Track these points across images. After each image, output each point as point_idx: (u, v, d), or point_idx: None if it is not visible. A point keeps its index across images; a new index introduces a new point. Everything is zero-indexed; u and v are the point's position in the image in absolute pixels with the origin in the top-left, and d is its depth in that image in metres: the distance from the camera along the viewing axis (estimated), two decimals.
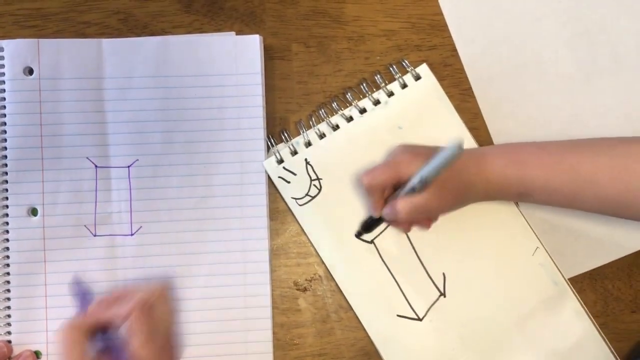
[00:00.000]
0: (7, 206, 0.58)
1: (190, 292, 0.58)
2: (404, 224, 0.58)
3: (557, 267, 0.60)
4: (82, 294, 0.50)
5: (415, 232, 0.60)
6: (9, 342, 0.57)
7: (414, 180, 0.51)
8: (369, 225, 0.58)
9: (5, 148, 0.58)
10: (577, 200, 0.55)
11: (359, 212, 0.60)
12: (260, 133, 0.60)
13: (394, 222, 0.58)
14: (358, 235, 0.60)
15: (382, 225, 0.59)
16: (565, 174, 0.54)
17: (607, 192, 0.53)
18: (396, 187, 0.55)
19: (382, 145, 0.60)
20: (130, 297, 0.48)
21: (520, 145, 0.58)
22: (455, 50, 0.63)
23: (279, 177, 0.60)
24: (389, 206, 0.55)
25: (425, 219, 0.57)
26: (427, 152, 0.53)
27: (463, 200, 0.57)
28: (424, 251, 0.60)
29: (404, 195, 0.53)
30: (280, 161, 0.60)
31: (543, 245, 0.60)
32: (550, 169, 0.54)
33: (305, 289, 0.60)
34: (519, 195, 0.57)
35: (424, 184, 0.51)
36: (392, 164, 0.55)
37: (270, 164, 0.60)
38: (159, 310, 0.48)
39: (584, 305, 0.59)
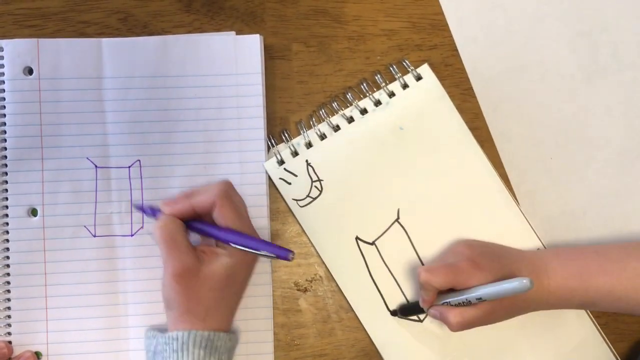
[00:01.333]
0: (7, 206, 0.58)
1: None
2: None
3: None
4: (148, 209, 0.56)
5: (416, 235, 0.60)
6: (9, 342, 0.57)
7: (472, 296, 0.52)
8: (410, 311, 0.58)
9: (5, 148, 0.58)
10: None
11: (360, 213, 0.60)
12: (261, 133, 0.59)
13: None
14: (393, 314, 0.59)
15: (384, 227, 0.59)
16: (630, 281, 0.54)
17: None
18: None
19: (383, 146, 0.60)
20: (204, 190, 0.53)
21: (580, 253, 0.57)
22: (456, 49, 0.63)
23: (280, 178, 0.60)
24: (438, 311, 0.54)
25: None
26: (490, 267, 0.53)
27: (521, 312, 0.56)
28: (425, 252, 0.60)
29: (455, 304, 0.53)
30: (281, 162, 0.60)
31: (544, 246, 0.60)
32: (613, 277, 0.54)
33: (305, 290, 0.60)
34: (581, 304, 0.56)
35: (480, 302, 0.52)
36: (453, 270, 0.53)
37: (271, 165, 0.60)
38: (236, 198, 0.54)
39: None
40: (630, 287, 0.54)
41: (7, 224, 0.58)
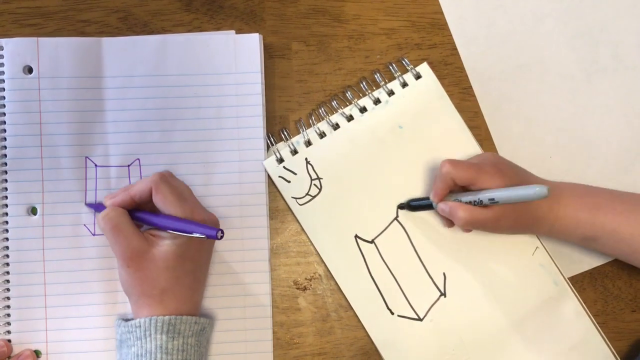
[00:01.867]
0: (6, 205, 0.58)
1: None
2: (449, 222, 0.59)
3: (557, 267, 0.60)
4: (95, 205, 0.57)
5: (416, 233, 0.60)
6: (9, 341, 0.57)
7: (485, 196, 0.53)
8: (419, 205, 0.59)
9: (5, 147, 0.58)
10: None
11: (359, 212, 0.60)
12: (260, 132, 0.59)
13: (443, 216, 0.58)
14: (401, 207, 0.60)
15: (383, 226, 0.59)
16: (637, 224, 0.54)
17: None
18: (464, 188, 0.56)
19: (382, 145, 0.60)
20: (142, 180, 0.55)
21: (596, 190, 0.58)
22: (455, 48, 0.63)
23: (279, 176, 0.60)
24: (448, 205, 0.55)
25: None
26: (512, 175, 0.55)
27: (524, 230, 0.58)
28: (424, 251, 0.60)
29: (466, 202, 0.54)
30: (281, 160, 0.60)
31: (543, 245, 0.60)
32: (622, 217, 0.55)
33: (305, 288, 0.60)
34: (584, 239, 0.57)
35: (492, 204, 0.53)
36: (476, 168, 0.55)
37: (271, 163, 0.60)
38: (175, 183, 0.55)
39: (584, 305, 0.59)
40: (637, 231, 0.54)
41: (7, 222, 0.58)
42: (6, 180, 0.58)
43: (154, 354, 0.50)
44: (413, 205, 0.59)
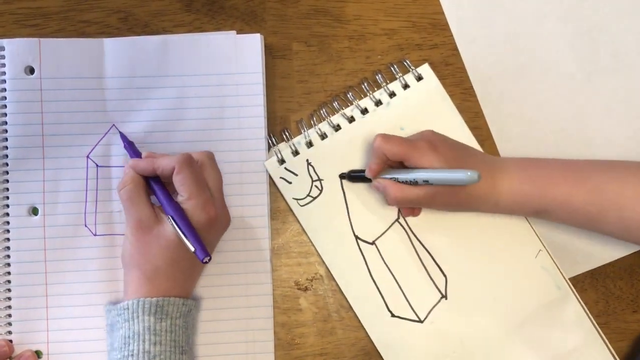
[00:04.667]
0: (7, 205, 0.58)
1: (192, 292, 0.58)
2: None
3: (559, 270, 0.60)
4: (130, 143, 0.57)
5: (417, 235, 0.60)
6: (10, 341, 0.57)
7: (417, 176, 0.53)
8: (356, 177, 0.59)
9: (7, 147, 0.58)
10: (599, 222, 0.54)
11: (360, 213, 0.60)
12: (261, 132, 0.59)
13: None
14: (342, 176, 0.60)
15: (384, 227, 0.59)
16: (590, 193, 0.53)
17: (633, 215, 0.52)
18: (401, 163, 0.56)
19: None
20: (170, 155, 0.54)
21: (541, 161, 0.57)
22: (456, 49, 0.63)
23: (281, 177, 0.60)
24: (381, 183, 0.56)
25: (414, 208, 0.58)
26: (446, 152, 0.54)
27: (464, 208, 0.57)
28: (425, 253, 0.60)
29: (400, 181, 0.54)
30: (282, 161, 0.60)
31: (546, 248, 0.60)
32: (573, 187, 0.53)
33: (306, 289, 0.60)
34: (535, 212, 0.56)
35: (426, 184, 0.52)
36: (409, 144, 0.55)
37: (272, 164, 0.60)
38: (206, 171, 0.54)
39: (586, 310, 0.59)
40: (590, 200, 0.53)
41: (8, 222, 0.58)
42: (7, 181, 0.58)
43: (142, 335, 0.50)
44: (352, 176, 0.59)
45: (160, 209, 0.53)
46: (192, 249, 0.50)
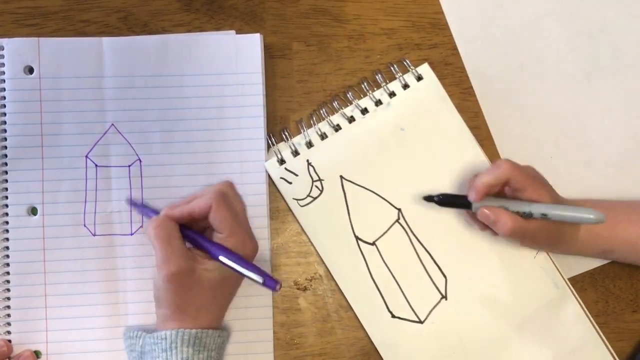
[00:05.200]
0: (6, 205, 0.58)
1: None
2: (484, 226, 0.57)
3: (558, 270, 0.60)
4: (143, 207, 0.57)
5: (417, 236, 0.60)
6: (9, 341, 0.57)
7: (537, 209, 0.52)
8: (451, 202, 0.57)
9: (5, 147, 0.58)
10: None
11: (361, 213, 0.60)
12: (261, 132, 0.59)
13: (478, 222, 0.56)
14: (428, 199, 0.57)
15: (384, 228, 0.59)
16: None
17: None
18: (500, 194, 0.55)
19: (384, 147, 0.60)
20: (202, 192, 0.53)
21: (612, 204, 0.59)
22: (455, 49, 0.63)
23: (281, 177, 0.60)
24: (493, 212, 0.53)
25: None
26: (552, 191, 0.55)
27: (555, 247, 0.58)
28: (425, 253, 0.60)
29: (513, 211, 0.53)
30: (282, 162, 0.60)
31: None
32: (638, 227, 0.56)
33: (305, 289, 0.60)
34: (602, 252, 0.58)
35: (541, 218, 0.53)
36: (530, 177, 0.54)
37: (272, 164, 0.60)
38: (234, 202, 0.54)
39: (585, 309, 0.59)
40: None
41: (7, 222, 0.57)
42: (7, 181, 0.58)
43: None
44: (444, 201, 0.57)
45: (193, 251, 0.52)
46: (260, 281, 0.50)
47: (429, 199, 0.57)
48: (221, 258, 0.51)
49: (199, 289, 0.51)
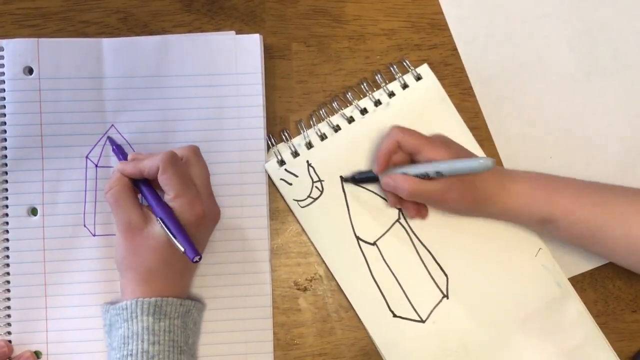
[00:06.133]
0: (7, 206, 0.58)
1: (191, 292, 0.58)
2: (395, 199, 0.58)
3: (560, 268, 0.60)
4: (117, 147, 0.57)
5: (418, 235, 0.60)
6: (9, 341, 0.57)
7: (431, 169, 0.53)
8: (361, 179, 0.59)
9: (5, 148, 0.58)
10: (602, 236, 0.54)
11: (361, 214, 0.60)
12: (261, 133, 0.59)
13: (389, 193, 0.58)
14: (345, 180, 0.59)
15: (385, 228, 0.59)
16: (596, 206, 0.54)
17: (638, 233, 0.53)
18: (409, 161, 0.57)
19: None
20: (153, 155, 0.53)
21: (552, 175, 0.57)
22: (455, 49, 0.63)
23: (281, 179, 0.60)
24: (392, 178, 0.55)
25: (421, 208, 0.59)
26: (457, 149, 0.56)
27: (473, 208, 0.56)
28: (426, 253, 0.60)
29: (412, 174, 0.54)
30: (282, 163, 0.60)
31: (546, 246, 0.60)
32: (579, 197, 0.54)
33: (305, 289, 0.60)
34: (541, 220, 0.56)
35: (438, 176, 0.53)
36: (424, 137, 0.56)
37: (272, 165, 0.60)
38: (191, 167, 0.54)
39: (585, 308, 0.59)
40: (595, 212, 0.54)
41: (7, 223, 0.58)
42: (6, 181, 0.58)
43: (141, 335, 0.50)
44: (358, 179, 0.59)
45: (149, 210, 0.53)
46: (182, 249, 0.50)
47: (346, 179, 0.60)
48: (157, 215, 0.52)
49: (146, 248, 0.52)
